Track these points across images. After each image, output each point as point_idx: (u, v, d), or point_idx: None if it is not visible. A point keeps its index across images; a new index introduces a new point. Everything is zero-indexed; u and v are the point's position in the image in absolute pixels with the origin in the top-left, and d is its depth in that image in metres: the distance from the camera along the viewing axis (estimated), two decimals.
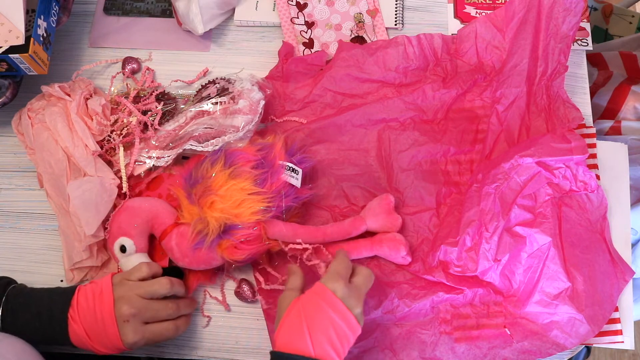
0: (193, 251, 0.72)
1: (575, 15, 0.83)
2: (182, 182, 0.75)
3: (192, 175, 0.74)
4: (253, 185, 0.72)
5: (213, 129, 0.78)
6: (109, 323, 0.67)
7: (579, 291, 0.74)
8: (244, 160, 0.73)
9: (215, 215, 0.71)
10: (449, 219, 0.78)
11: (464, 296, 0.75)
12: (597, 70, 1.19)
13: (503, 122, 0.83)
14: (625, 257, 0.78)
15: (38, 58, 0.78)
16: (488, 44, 0.86)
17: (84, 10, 0.95)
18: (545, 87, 0.84)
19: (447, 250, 0.74)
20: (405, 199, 0.81)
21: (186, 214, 0.74)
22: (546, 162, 0.77)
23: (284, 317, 0.63)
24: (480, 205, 0.75)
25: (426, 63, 0.87)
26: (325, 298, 0.62)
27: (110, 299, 0.67)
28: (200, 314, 0.78)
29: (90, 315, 0.67)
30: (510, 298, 0.75)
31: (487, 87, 0.85)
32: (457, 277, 0.75)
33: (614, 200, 0.81)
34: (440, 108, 0.85)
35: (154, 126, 0.82)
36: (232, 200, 0.71)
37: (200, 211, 0.72)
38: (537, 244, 0.75)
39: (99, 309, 0.67)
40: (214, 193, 0.71)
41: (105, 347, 0.68)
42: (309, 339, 0.60)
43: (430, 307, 0.75)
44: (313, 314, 0.62)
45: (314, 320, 0.61)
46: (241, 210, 0.71)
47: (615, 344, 0.76)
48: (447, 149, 0.83)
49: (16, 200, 0.85)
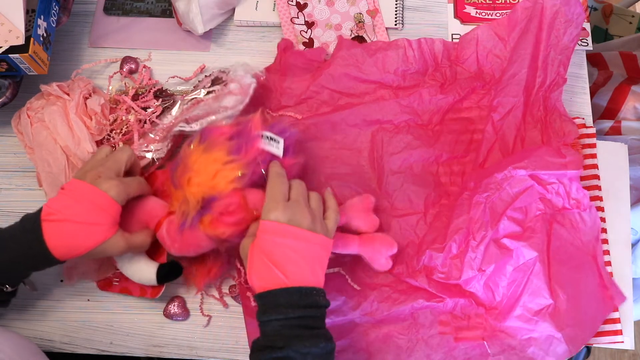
0: (180, 234, 0.71)
1: (576, 27, 0.82)
2: (169, 172, 0.74)
3: (175, 161, 0.73)
4: (227, 155, 0.69)
5: (203, 112, 0.79)
6: (84, 188, 0.67)
7: (560, 310, 0.73)
8: (218, 134, 0.71)
9: (192, 191, 0.69)
10: (437, 224, 0.78)
11: (444, 305, 0.75)
12: (597, 70, 1.19)
13: (498, 131, 0.82)
14: (625, 258, 0.78)
15: (38, 58, 0.78)
16: (489, 52, 0.86)
17: (84, 10, 0.95)
18: (543, 98, 0.83)
19: (433, 255, 0.74)
20: (393, 201, 0.81)
21: (174, 201, 0.73)
22: (539, 176, 0.76)
23: (249, 264, 0.65)
24: (469, 214, 0.74)
25: (425, 67, 0.87)
26: (272, 231, 0.64)
27: (77, 181, 0.68)
28: (200, 313, 0.78)
29: (64, 199, 0.67)
30: (491, 310, 0.75)
31: (485, 95, 0.85)
32: (440, 284, 0.75)
33: (614, 200, 0.81)
34: (436, 113, 0.84)
35: (151, 119, 0.82)
36: (206, 173, 0.69)
37: (182, 192, 0.71)
38: (523, 257, 0.74)
39: (70, 192, 0.67)
40: (189, 170, 0.70)
41: (88, 214, 0.67)
42: (278, 271, 0.62)
43: (409, 312, 0.75)
44: (270, 249, 0.63)
45: (273, 255, 0.63)
46: (217, 181, 0.68)
47: (615, 344, 0.76)
48: (439, 154, 0.83)
49: (16, 200, 0.85)
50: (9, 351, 0.62)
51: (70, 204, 0.66)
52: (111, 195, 0.67)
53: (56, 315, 0.79)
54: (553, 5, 0.82)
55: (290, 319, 0.61)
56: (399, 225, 0.79)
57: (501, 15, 0.91)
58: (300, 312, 0.61)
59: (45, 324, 0.79)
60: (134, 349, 0.78)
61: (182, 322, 0.78)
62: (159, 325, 0.78)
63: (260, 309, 0.63)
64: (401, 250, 0.77)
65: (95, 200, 0.66)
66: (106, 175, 0.68)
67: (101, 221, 0.67)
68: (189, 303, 0.79)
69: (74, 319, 0.79)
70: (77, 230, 0.66)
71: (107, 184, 0.67)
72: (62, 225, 0.65)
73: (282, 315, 0.61)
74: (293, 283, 0.62)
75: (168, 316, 0.78)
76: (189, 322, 0.78)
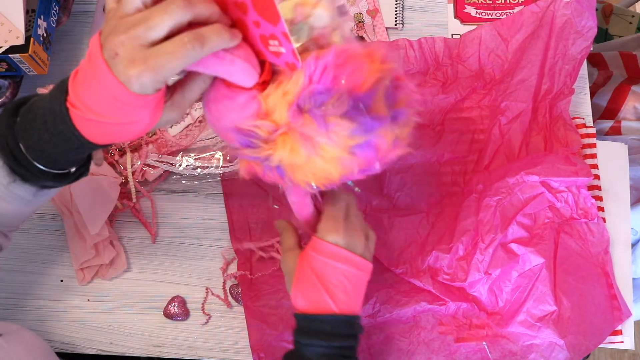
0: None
1: (585, 40, 0.82)
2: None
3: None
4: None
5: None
6: (101, 71, 0.45)
7: (564, 317, 0.72)
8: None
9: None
10: (440, 225, 0.78)
11: (447, 308, 0.75)
12: (597, 70, 1.19)
13: (504, 135, 0.82)
14: (625, 258, 0.78)
15: (38, 58, 0.78)
16: (491, 52, 0.85)
17: (84, 10, 0.95)
18: (550, 105, 0.83)
19: (439, 256, 0.74)
20: (396, 201, 0.81)
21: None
22: (550, 184, 0.76)
23: (296, 281, 0.62)
24: (478, 216, 0.74)
25: (427, 67, 0.87)
26: (329, 254, 0.60)
27: (97, 48, 0.45)
28: (201, 313, 0.78)
29: (86, 86, 0.46)
30: (494, 316, 0.74)
31: (485, 95, 0.85)
32: (444, 286, 0.75)
33: (614, 200, 0.81)
34: (437, 113, 0.84)
35: (160, 129, 0.82)
36: None
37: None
38: (529, 263, 0.74)
39: (90, 70, 0.46)
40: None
41: (115, 113, 0.46)
42: (328, 297, 0.60)
43: (411, 315, 0.75)
44: (323, 271, 0.60)
45: (326, 279, 0.60)
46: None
47: (615, 344, 0.76)
48: (441, 154, 0.82)
49: None
50: (21, 350, 0.61)
51: (91, 94, 0.46)
52: (134, 89, 0.44)
53: (56, 315, 0.79)
54: (563, 14, 0.81)
55: (332, 348, 0.60)
56: (401, 225, 0.79)
57: (501, 15, 0.91)
58: (343, 341, 0.60)
59: (45, 324, 0.79)
60: (134, 349, 0.78)
61: (182, 322, 0.78)
62: (159, 325, 0.78)
63: (301, 329, 0.61)
64: (404, 250, 0.77)
65: (116, 95, 0.45)
66: (127, 48, 0.44)
67: (134, 119, 0.47)
68: (189, 303, 0.79)
69: (74, 319, 0.79)
70: (108, 129, 0.48)
71: (125, 71, 0.44)
72: (90, 123, 0.48)
73: (325, 342, 0.60)
74: (341, 311, 0.60)
75: (168, 316, 0.78)
76: (189, 322, 0.78)
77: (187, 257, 0.81)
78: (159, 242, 0.82)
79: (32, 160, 0.53)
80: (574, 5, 0.80)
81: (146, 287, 0.80)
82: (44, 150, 0.52)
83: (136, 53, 0.44)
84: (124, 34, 0.44)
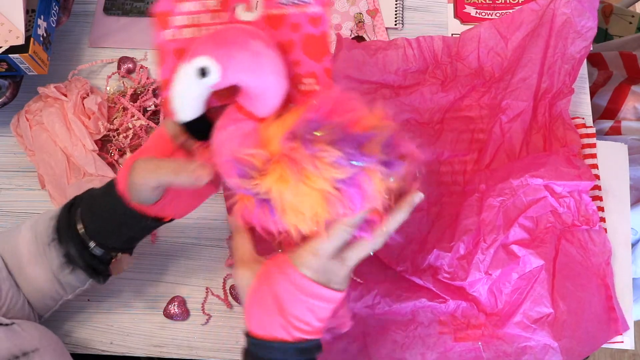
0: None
1: (584, 40, 0.81)
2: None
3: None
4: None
5: None
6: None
7: (560, 320, 0.72)
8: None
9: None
10: (441, 223, 0.78)
11: (446, 306, 0.75)
12: (597, 70, 1.19)
13: (505, 134, 0.81)
14: (625, 258, 0.78)
15: (38, 58, 0.78)
16: (490, 49, 0.85)
17: (84, 10, 0.95)
18: (549, 104, 0.82)
19: (440, 255, 0.74)
20: None
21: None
22: (554, 188, 0.76)
23: (251, 300, 0.55)
24: (480, 216, 0.74)
25: (426, 65, 0.87)
26: (298, 285, 0.53)
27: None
28: (201, 313, 0.78)
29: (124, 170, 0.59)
30: (492, 317, 0.74)
31: (485, 93, 0.85)
32: (445, 284, 0.75)
33: (614, 200, 0.81)
34: (437, 111, 0.84)
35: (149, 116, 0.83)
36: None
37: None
38: (530, 265, 0.74)
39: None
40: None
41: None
42: (284, 329, 0.53)
43: (410, 310, 0.75)
44: (286, 300, 0.53)
45: (286, 309, 0.53)
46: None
47: (615, 344, 0.76)
48: (440, 152, 0.82)
49: (16, 200, 0.85)
50: (35, 342, 0.61)
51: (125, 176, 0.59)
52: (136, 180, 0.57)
53: (56, 315, 0.79)
54: (563, 13, 0.81)
55: None
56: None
57: (501, 15, 0.91)
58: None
59: (45, 324, 0.78)
60: (134, 349, 0.78)
61: (182, 322, 0.78)
62: (159, 325, 0.78)
63: (252, 355, 0.56)
64: (405, 247, 0.77)
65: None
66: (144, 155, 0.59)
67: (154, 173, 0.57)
68: (189, 303, 0.79)
69: (74, 319, 0.79)
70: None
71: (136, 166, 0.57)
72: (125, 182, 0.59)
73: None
74: (297, 339, 0.54)
75: (168, 316, 0.78)
76: (189, 322, 0.78)
77: (187, 257, 0.81)
78: (159, 242, 0.82)
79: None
80: (574, 4, 0.80)
81: (146, 287, 0.80)
82: (101, 229, 0.64)
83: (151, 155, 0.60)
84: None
